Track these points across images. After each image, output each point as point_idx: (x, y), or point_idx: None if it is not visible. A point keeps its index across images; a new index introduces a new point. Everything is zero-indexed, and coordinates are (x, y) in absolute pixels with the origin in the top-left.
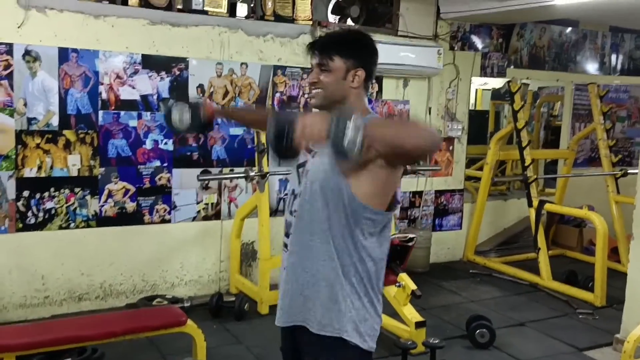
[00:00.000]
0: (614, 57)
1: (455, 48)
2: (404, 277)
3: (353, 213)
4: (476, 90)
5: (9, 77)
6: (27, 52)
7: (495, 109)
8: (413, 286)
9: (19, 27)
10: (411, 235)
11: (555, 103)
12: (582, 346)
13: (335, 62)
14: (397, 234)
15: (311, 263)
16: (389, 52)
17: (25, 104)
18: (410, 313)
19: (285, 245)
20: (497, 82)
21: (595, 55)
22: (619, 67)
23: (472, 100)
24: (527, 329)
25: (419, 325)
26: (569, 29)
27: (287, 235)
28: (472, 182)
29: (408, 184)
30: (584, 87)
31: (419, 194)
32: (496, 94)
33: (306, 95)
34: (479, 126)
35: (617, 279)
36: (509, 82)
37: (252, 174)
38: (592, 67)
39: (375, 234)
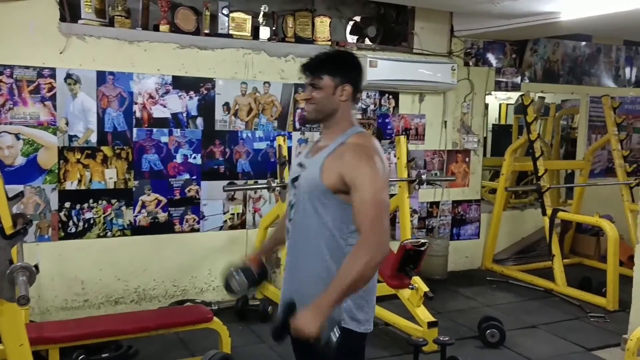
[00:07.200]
0: (628, 69)
1: (470, 64)
2: (417, 280)
3: (341, 215)
4: (500, 104)
5: (52, 98)
6: (68, 76)
7: (518, 122)
8: (425, 288)
9: (61, 53)
10: (423, 240)
11: (575, 115)
12: (591, 346)
13: (324, 80)
14: (410, 240)
15: (307, 264)
16: (405, 69)
17: (66, 123)
18: (423, 314)
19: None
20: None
21: (609, 69)
22: (633, 79)
23: (496, 115)
24: (539, 331)
25: (431, 325)
26: (583, 43)
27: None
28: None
29: (425, 194)
30: (599, 100)
31: (436, 204)
32: (519, 109)
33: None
34: (503, 139)
35: (632, 285)
36: (521, 95)
37: (274, 185)
38: (606, 79)
39: None
